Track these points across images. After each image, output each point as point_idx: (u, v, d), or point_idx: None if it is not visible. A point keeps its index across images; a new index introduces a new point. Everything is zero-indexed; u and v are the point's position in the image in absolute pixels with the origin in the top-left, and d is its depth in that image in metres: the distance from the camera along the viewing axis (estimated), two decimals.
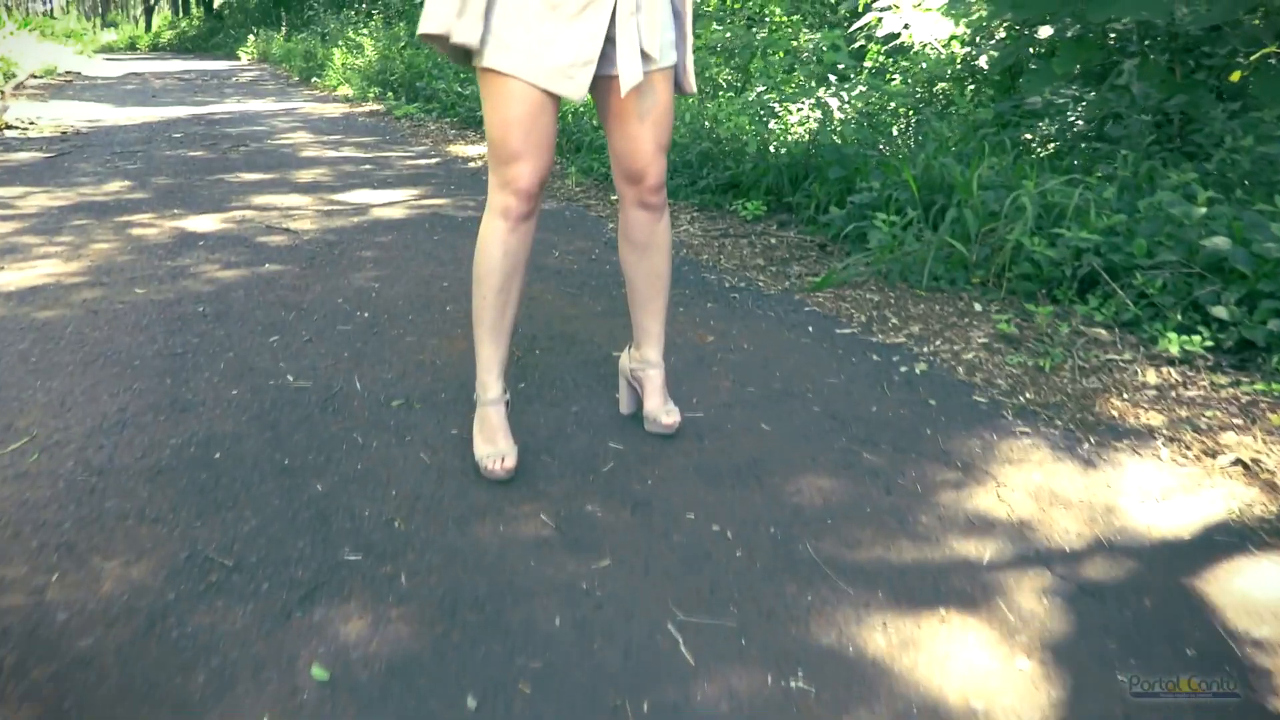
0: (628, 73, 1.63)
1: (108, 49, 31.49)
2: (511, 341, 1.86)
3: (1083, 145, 3.59)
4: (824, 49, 6.20)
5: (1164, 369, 2.41)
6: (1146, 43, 3.72)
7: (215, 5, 31.63)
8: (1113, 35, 3.80)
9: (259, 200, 4.59)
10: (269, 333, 2.65)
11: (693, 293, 3.11)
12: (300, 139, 7.17)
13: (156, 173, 5.40)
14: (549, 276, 3.26)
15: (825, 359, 2.50)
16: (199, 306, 2.88)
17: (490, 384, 1.82)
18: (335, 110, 9.46)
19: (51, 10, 54.74)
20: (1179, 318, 2.56)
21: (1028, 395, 2.27)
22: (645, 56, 1.68)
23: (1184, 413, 2.17)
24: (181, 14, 37.04)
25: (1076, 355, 2.49)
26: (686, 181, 4.56)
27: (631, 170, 1.80)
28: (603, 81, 1.71)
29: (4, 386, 2.26)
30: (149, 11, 40.22)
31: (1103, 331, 2.66)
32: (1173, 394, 2.27)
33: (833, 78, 5.48)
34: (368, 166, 5.78)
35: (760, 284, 3.22)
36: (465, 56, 1.67)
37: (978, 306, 2.93)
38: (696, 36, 7.15)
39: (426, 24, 1.62)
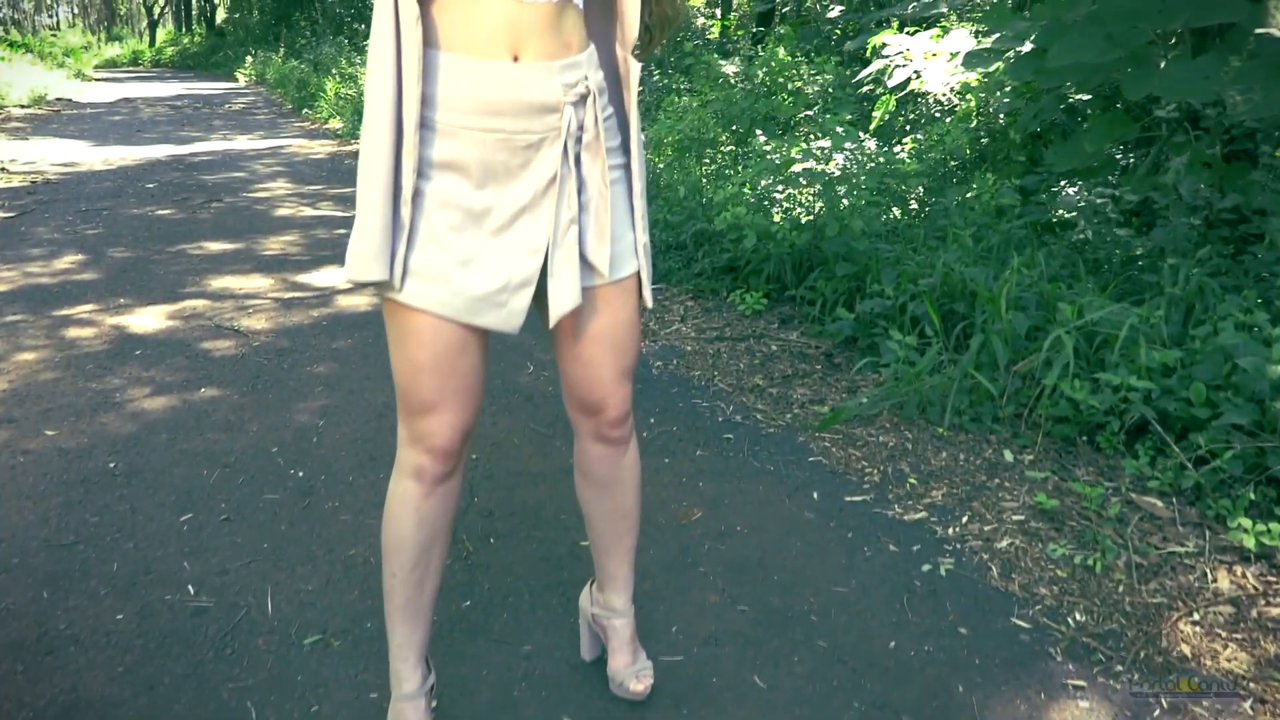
0: (560, 296, 1.26)
1: (111, 63, 31.33)
2: (432, 618, 1.46)
3: (1120, 250, 3.19)
4: (831, 114, 5.82)
5: (1238, 569, 2.01)
6: (1195, 134, 3.32)
7: (217, 22, 31.44)
8: (1157, 120, 3.41)
9: (216, 284, 4.22)
10: (182, 507, 2.27)
11: (681, 431, 2.72)
12: (279, 190, 6.81)
13: (116, 241, 5.03)
14: (518, 405, 2.88)
15: (833, 550, 2.11)
16: (111, 460, 2.50)
17: (406, 675, 1.43)
18: (322, 150, 9.11)
19: (58, 23, 54.88)
20: (1251, 495, 2.17)
21: (1078, 616, 1.87)
22: (591, 268, 1.30)
23: (1273, 648, 1.77)
24: (185, 29, 36.86)
25: (1131, 543, 2.10)
26: (681, 264, 4.18)
27: (586, 401, 1.41)
28: (545, 296, 1.33)
29: None
30: (153, 26, 40.08)
31: (1158, 503, 2.26)
32: (1254, 613, 1.87)
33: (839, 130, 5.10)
34: (341, 231, 5.40)
35: (759, 415, 2.83)
36: None
37: (1008, 455, 2.54)
38: (699, 94, 6.77)
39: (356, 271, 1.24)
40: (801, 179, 3.88)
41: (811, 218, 3.90)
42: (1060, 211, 3.66)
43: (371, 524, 2.19)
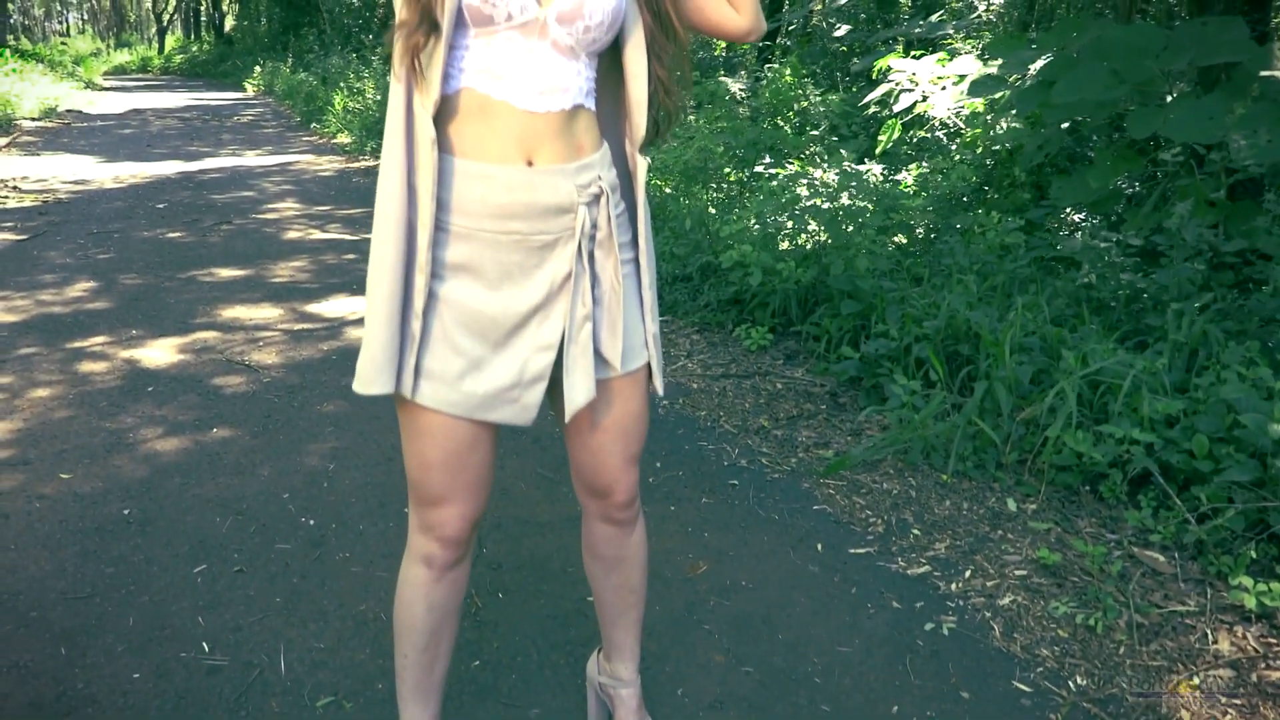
0: (576, 391, 1.28)
1: (120, 70, 31.53)
2: (442, 694, 1.49)
3: (1125, 291, 3.21)
4: (838, 138, 5.86)
5: (1238, 629, 2.03)
6: (1201, 178, 3.34)
7: (226, 29, 31.59)
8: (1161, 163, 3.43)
9: (226, 314, 4.26)
10: (196, 557, 2.30)
11: (687, 476, 2.74)
12: (288, 211, 6.86)
13: (127, 267, 5.08)
14: (526, 449, 2.91)
15: (836, 606, 2.13)
16: (125, 507, 2.53)
17: None
18: (330, 166, 9.17)
19: (67, 29, 55.13)
20: (1253, 553, 2.19)
21: (1079, 680, 1.89)
22: (605, 362, 1.33)
23: (1272, 714, 1.79)
24: (194, 36, 37.03)
25: (1133, 601, 2.12)
26: (687, 296, 4.21)
27: (595, 486, 1.44)
28: (558, 385, 1.36)
29: None
30: (162, 33, 40.28)
31: (1160, 558, 2.29)
32: (1253, 677, 1.89)
33: (846, 161, 5.12)
34: (350, 256, 5.45)
35: (764, 459, 2.86)
36: None
37: (1012, 505, 2.56)
38: (708, 113, 6.80)
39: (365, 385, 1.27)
40: (807, 215, 3.90)
41: (816, 252, 3.93)
42: (1061, 247, 3.68)
43: (382, 576, 2.22)
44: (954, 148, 5.42)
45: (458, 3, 1.17)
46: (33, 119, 12.78)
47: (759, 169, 5.42)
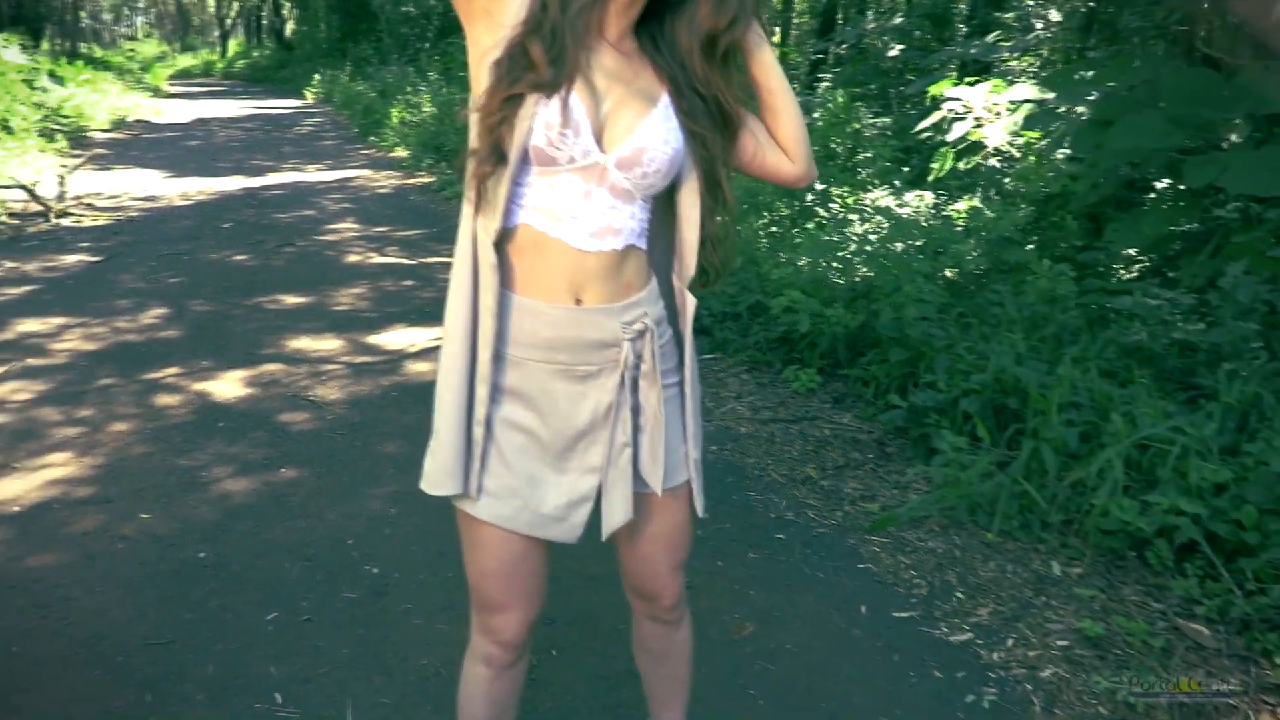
0: (613, 513, 1.37)
1: (185, 73, 32.42)
2: None
3: (1176, 349, 3.21)
4: (887, 164, 5.88)
5: None
6: (1256, 233, 3.33)
7: (286, 35, 32.26)
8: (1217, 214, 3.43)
9: (291, 345, 4.43)
10: (268, 604, 2.43)
11: (735, 529, 2.82)
12: (347, 232, 7.06)
13: (196, 292, 5.28)
14: None
15: (879, 674, 2.19)
16: (201, 550, 2.68)
17: None
18: (388, 182, 9.38)
19: (135, 32, 56.65)
20: None
21: None
22: (645, 482, 1.41)
23: None
24: (255, 41, 37.88)
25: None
26: (736, 334, 4.28)
27: (641, 590, 1.54)
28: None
29: None
30: (224, 37, 41.27)
31: (1204, 630, 2.31)
32: None
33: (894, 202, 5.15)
34: (408, 283, 5.61)
35: (810, 512, 2.92)
36: None
37: (1056, 568, 2.60)
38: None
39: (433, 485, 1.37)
40: (856, 260, 3.95)
41: (865, 292, 3.97)
42: (1111, 304, 3.68)
43: (442, 630, 2.33)
44: (1007, 181, 5.41)
45: (525, 142, 1.25)
46: (104, 130, 13.22)
47: (809, 199, 5.46)
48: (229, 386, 3.90)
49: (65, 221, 7.13)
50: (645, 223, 1.36)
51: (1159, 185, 4.41)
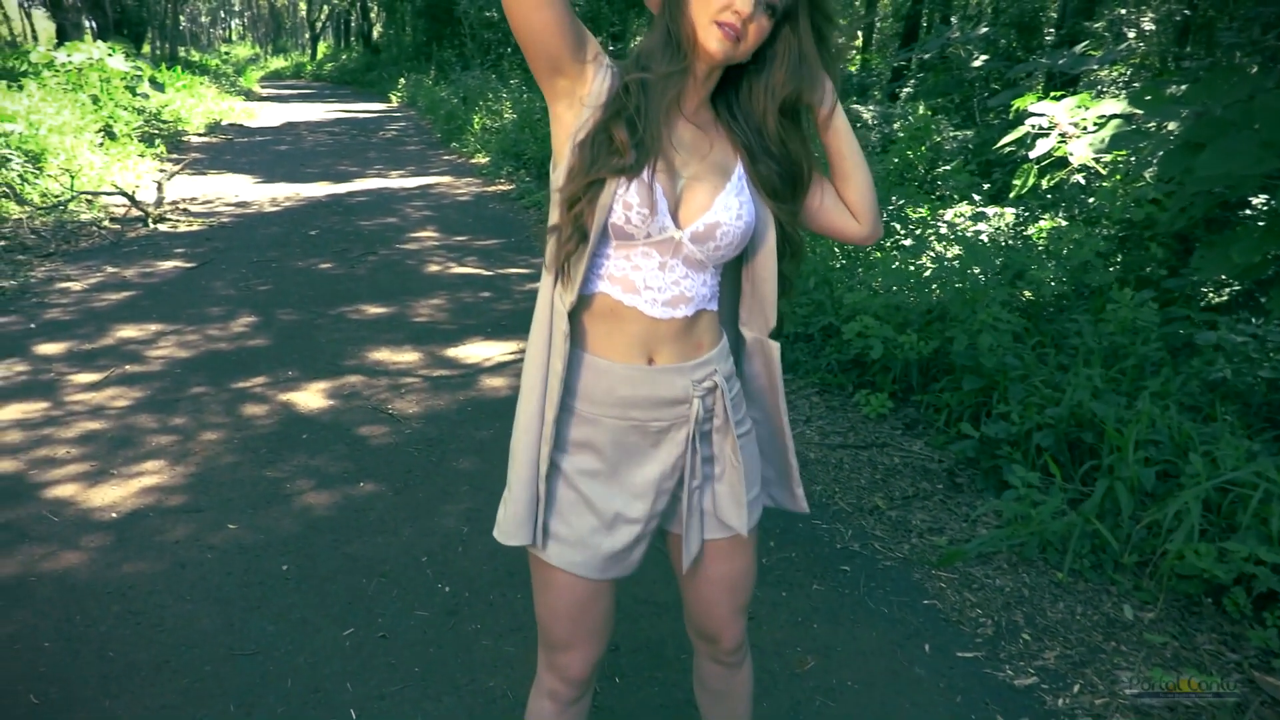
0: (690, 548, 1.45)
1: (276, 75, 33.54)
2: None
3: (1261, 387, 3.12)
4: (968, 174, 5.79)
5: None
6: None
7: (373, 38, 33.07)
8: None
9: (372, 356, 4.57)
10: (345, 619, 2.53)
11: (800, 559, 2.83)
12: (428, 240, 7.24)
13: (283, 300, 5.49)
14: None
15: (940, 715, 2.19)
16: (284, 562, 2.80)
17: None
18: (468, 190, 9.58)
19: (229, 34, 58.64)
20: None
21: None
22: (724, 524, 1.46)
23: None
24: (343, 44, 38.91)
25: None
26: (808, 355, 4.28)
27: (704, 631, 1.58)
28: (673, 536, 1.51)
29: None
30: (314, 40, 42.48)
31: None
32: None
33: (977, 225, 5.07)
34: (485, 294, 5.73)
35: (877, 544, 2.92)
36: None
37: (1128, 612, 2.55)
38: None
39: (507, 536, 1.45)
40: (933, 285, 3.91)
41: (940, 315, 3.93)
42: (1196, 337, 3.58)
43: (509, 651, 2.40)
44: (1091, 200, 5.29)
45: (605, 220, 1.30)
46: (199, 134, 13.76)
47: (885, 217, 5.42)
48: (312, 398, 4.06)
49: (162, 227, 7.47)
50: (716, 287, 1.41)
51: (1254, 201, 4.27)
